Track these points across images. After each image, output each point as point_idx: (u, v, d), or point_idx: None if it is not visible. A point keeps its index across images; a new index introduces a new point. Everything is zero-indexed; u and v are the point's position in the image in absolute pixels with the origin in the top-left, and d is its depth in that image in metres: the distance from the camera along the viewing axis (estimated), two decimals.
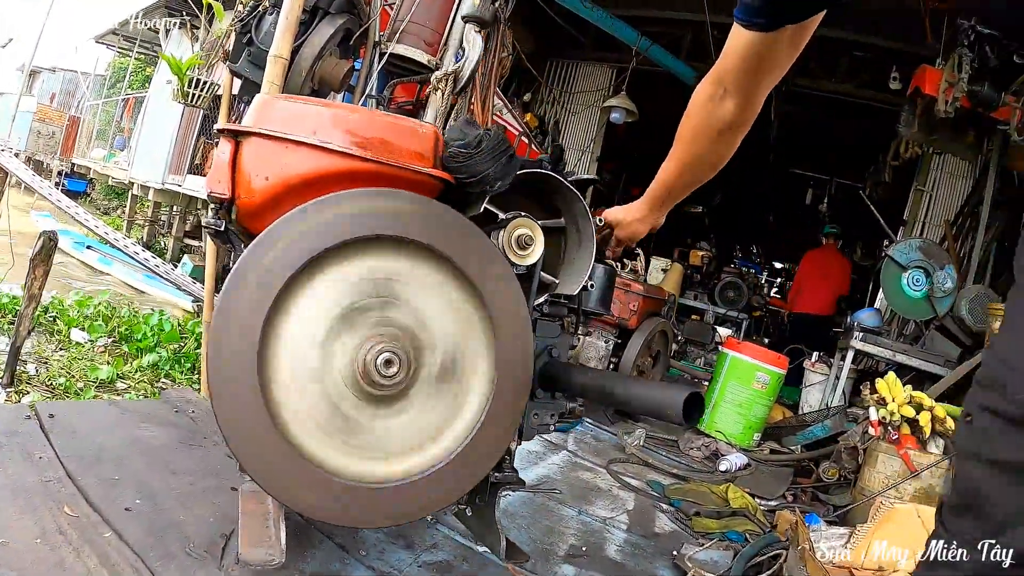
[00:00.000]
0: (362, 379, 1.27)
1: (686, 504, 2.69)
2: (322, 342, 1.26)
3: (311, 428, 1.25)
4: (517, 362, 1.38)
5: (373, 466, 1.31)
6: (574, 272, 1.60)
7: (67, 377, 3.20)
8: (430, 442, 1.36)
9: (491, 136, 1.39)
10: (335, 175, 1.31)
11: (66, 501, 1.41)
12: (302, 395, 1.25)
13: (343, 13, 2.82)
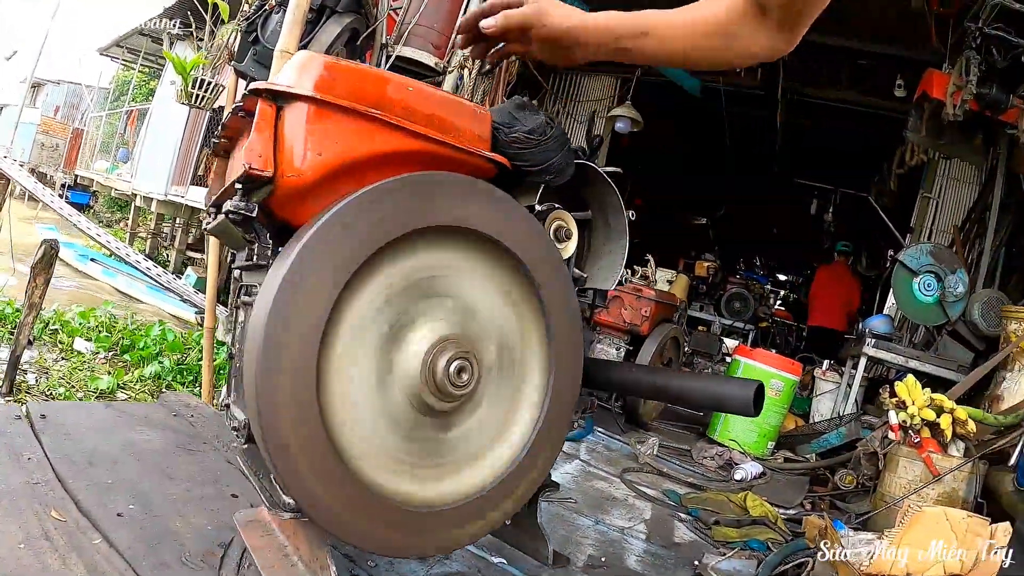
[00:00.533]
0: (432, 392, 1.12)
1: (704, 513, 2.59)
2: (381, 354, 1.10)
3: (379, 456, 1.10)
4: (570, 354, 1.29)
5: (448, 483, 1.18)
6: (606, 267, 1.52)
7: (67, 387, 3.13)
8: (500, 442, 1.25)
9: (555, 124, 1.31)
10: (398, 155, 1.14)
11: (54, 505, 1.32)
12: (362, 417, 1.08)
13: (350, 12, 2.79)
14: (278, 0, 2.61)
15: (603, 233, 1.50)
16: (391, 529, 1.08)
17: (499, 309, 1.23)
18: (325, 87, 1.10)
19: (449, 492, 1.18)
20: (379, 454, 1.10)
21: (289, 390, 0.98)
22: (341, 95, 1.10)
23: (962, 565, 1.83)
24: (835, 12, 1.61)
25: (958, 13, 4.09)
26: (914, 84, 5.00)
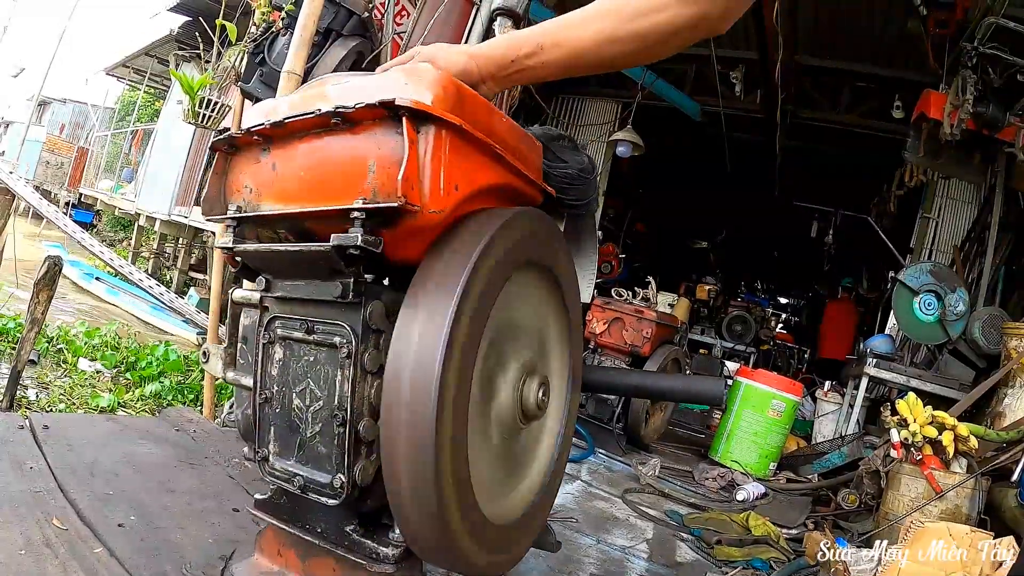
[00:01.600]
0: (519, 418, 1.10)
1: (706, 533, 2.57)
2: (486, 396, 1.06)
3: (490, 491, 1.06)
4: (579, 363, 1.34)
5: (513, 496, 1.17)
6: (584, 282, 1.56)
7: (68, 403, 3.13)
8: (540, 449, 1.28)
9: (592, 160, 1.36)
10: (494, 188, 1.07)
11: (55, 514, 1.33)
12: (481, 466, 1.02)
13: (356, 36, 2.84)
14: (285, 23, 2.66)
15: (575, 248, 1.54)
16: (491, 553, 1.06)
17: (549, 328, 1.25)
18: (462, 112, 0.97)
19: (515, 505, 1.17)
20: (490, 489, 1.08)
21: (449, 465, 0.91)
22: (470, 122, 0.98)
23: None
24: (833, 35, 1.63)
25: (954, 33, 4.17)
26: (912, 105, 5.07)
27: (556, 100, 7.86)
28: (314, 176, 1.02)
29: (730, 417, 4.18)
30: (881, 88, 5.74)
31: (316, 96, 1.04)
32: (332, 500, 1.01)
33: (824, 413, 5.34)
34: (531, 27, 1.02)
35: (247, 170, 1.10)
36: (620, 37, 0.96)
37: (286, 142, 1.05)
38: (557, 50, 0.98)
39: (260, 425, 1.09)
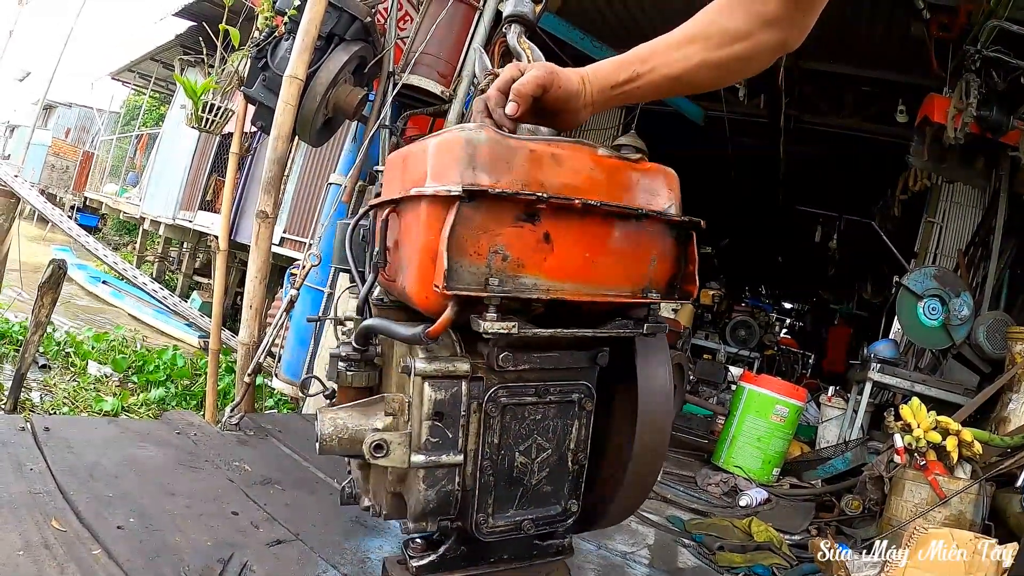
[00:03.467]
0: None
1: (708, 539, 2.56)
2: None
3: None
4: None
5: None
6: None
7: (71, 406, 3.14)
8: None
9: None
10: None
11: (54, 515, 1.33)
12: None
13: (358, 41, 2.86)
14: (288, 28, 2.68)
15: None
16: None
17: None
18: None
19: None
20: None
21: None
22: None
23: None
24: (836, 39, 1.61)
25: (957, 37, 4.17)
26: (915, 109, 5.06)
27: None
28: (599, 258, 1.03)
29: (733, 422, 4.16)
30: (884, 92, 5.73)
31: (585, 167, 1.04)
32: (563, 524, 1.17)
33: (828, 418, 5.31)
34: (626, 54, 1.06)
35: (502, 232, 0.96)
36: (708, 63, 1.02)
37: (567, 216, 1.00)
38: (650, 76, 1.03)
39: (478, 494, 1.09)
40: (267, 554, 1.48)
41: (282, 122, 2.40)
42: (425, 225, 0.95)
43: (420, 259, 0.96)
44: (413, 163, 1.08)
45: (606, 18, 6.34)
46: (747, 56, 1.01)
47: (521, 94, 0.98)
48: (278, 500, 1.76)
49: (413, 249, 0.98)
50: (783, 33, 1.00)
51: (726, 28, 1.00)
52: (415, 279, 0.97)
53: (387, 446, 1.03)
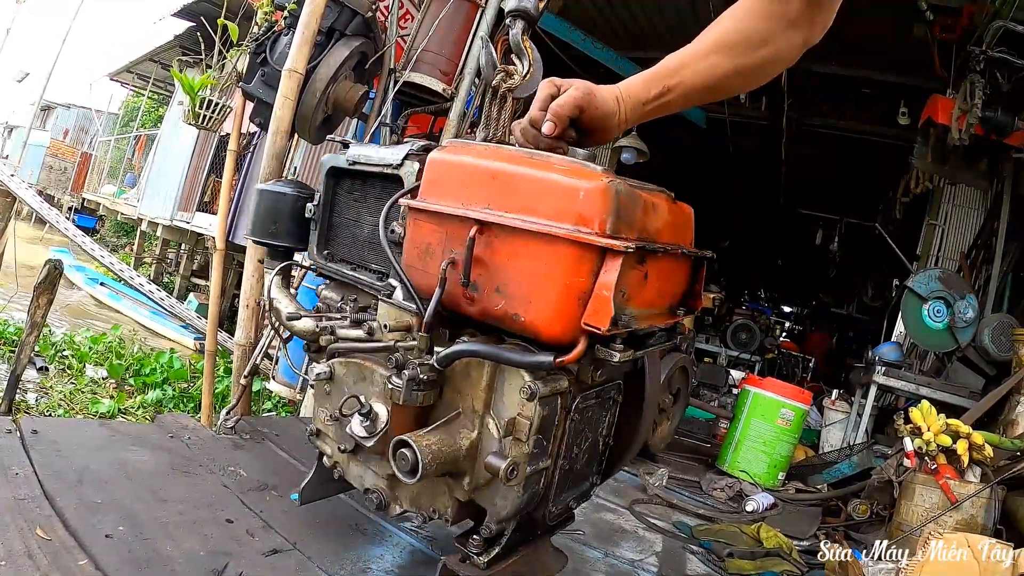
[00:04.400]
0: None
1: (717, 545, 2.50)
2: None
3: None
4: None
5: None
6: None
7: (67, 408, 3.08)
8: None
9: None
10: None
11: (40, 523, 1.27)
12: None
13: (359, 36, 2.80)
14: (288, 23, 2.62)
15: None
16: None
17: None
18: None
19: None
20: None
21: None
22: None
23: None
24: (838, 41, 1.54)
25: (960, 38, 4.13)
26: (917, 111, 5.02)
27: None
28: (664, 287, 1.24)
29: (738, 426, 4.10)
30: (886, 94, 5.70)
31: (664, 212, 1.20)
32: (588, 496, 1.46)
33: (831, 422, 5.26)
34: (655, 68, 1.07)
35: (626, 275, 1.05)
36: (736, 70, 1.04)
37: (656, 257, 1.16)
38: (680, 88, 1.05)
39: (555, 490, 1.26)
40: (263, 564, 1.42)
41: (281, 116, 2.34)
42: (570, 267, 1.02)
43: (559, 296, 1.03)
44: (524, 189, 1.06)
45: (608, 19, 6.31)
46: (773, 59, 1.04)
47: (559, 116, 1.02)
48: (275, 507, 1.70)
49: (546, 284, 1.04)
50: (805, 32, 1.01)
51: (750, 34, 1.02)
52: (547, 312, 1.04)
53: (518, 467, 1.11)
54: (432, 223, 1.16)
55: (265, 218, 1.74)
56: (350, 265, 1.59)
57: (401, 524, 1.80)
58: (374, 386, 1.26)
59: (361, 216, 1.59)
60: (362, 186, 1.59)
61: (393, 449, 1.08)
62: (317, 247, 1.65)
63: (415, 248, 1.19)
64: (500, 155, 1.12)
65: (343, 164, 1.57)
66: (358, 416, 1.22)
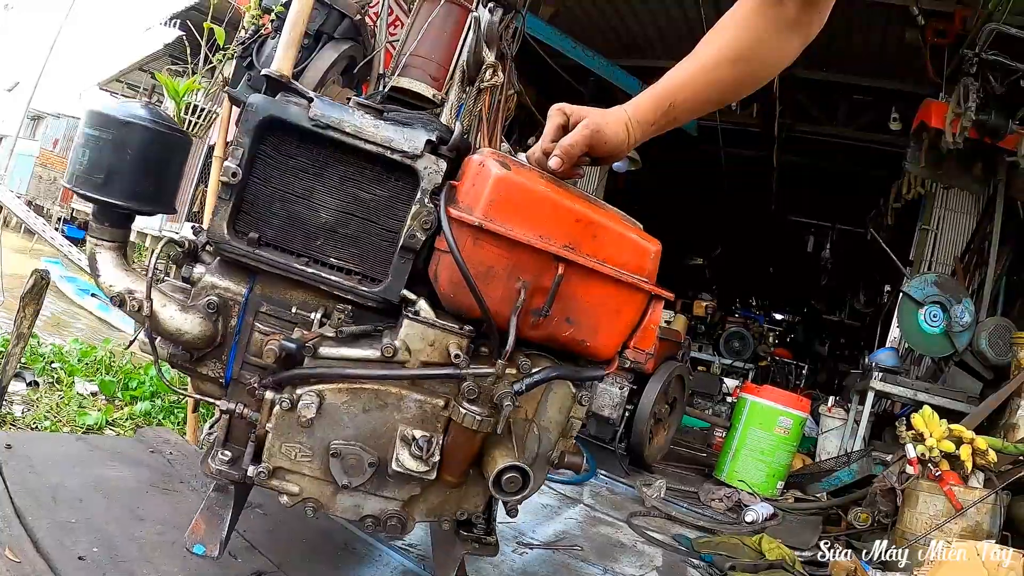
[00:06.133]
0: None
1: (718, 558, 2.43)
2: None
3: None
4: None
5: None
6: None
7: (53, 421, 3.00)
8: None
9: None
10: None
11: (9, 543, 1.19)
12: None
13: (348, 40, 2.75)
14: (275, 26, 2.57)
15: None
16: None
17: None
18: None
19: None
20: None
21: None
22: None
23: None
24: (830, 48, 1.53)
25: (952, 43, 4.14)
26: (909, 117, 5.03)
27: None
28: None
29: (736, 435, 4.05)
30: (878, 100, 5.72)
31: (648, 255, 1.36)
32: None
33: (828, 429, 5.22)
34: (660, 85, 1.09)
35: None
36: (739, 79, 1.06)
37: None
38: (685, 104, 1.08)
39: None
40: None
41: None
42: (635, 307, 1.27)
43: (623, 327, 1.28)
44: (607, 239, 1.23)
45: (599, 27, 6.31)
46: (775, 62, 1.05)
47: (569, 156, 1.06)
48: (259, 526, 1.62)
49: (615, 318, 1.26)
50: (803, 32, 1.03)
51: (752, 42, 1.03)
52: (610, 339, 1.28)
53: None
54: (500, 248, 1.15)
55: (99, 161, 1.24)
56: (295, 256, 1.26)
57: (392, 543, 1.73)
58: (401, 413, 1.20)
59: (316, 195, 1.26)
60: (331, 161, 1.26)
61: (500, 475, 1.15)
62: (227, 223, 1.21)
63: (470, 268, 1.15)
64: (573, 196, 1.21)
65: (297, 121, 1.20)
66: (412, 448, 1.17)
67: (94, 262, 1.34)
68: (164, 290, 1.33)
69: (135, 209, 1.33)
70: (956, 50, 4.13)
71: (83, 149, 1.26)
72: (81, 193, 1.28)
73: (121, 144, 1.26)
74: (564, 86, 7.19)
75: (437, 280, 1.21)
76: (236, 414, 1.24)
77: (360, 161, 1.25)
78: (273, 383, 1.21)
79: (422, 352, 1.21)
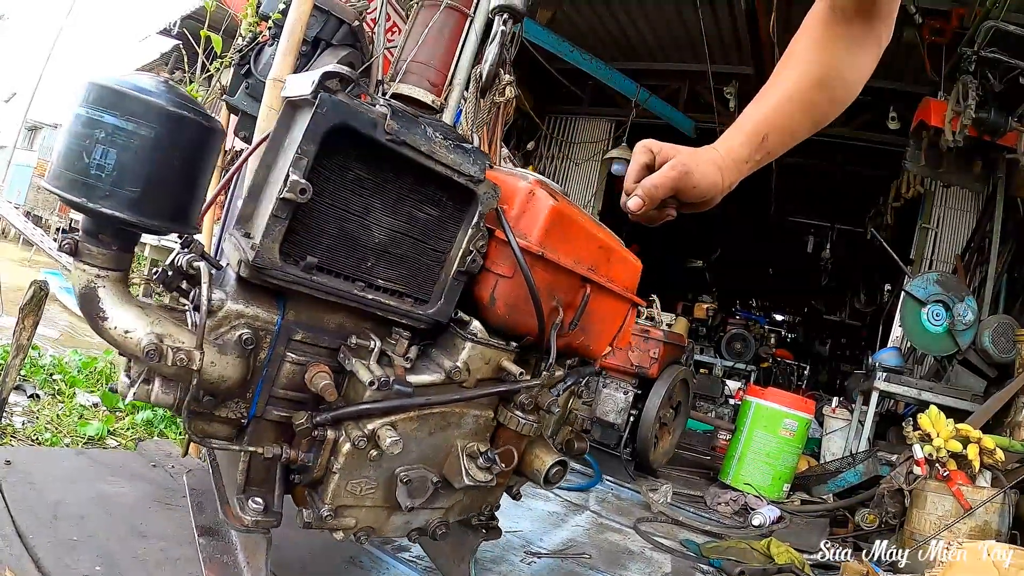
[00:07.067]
0: None
1: (727, 563, 2.41)
2: None
3: None
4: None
5: None
6: None
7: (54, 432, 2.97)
8: None
9: None
10: None
11: (9, 563, 1.17)
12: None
13: (345, 46, 2.74)
14: (272, 33, 2.56)
15: None
16: None
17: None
18: None
19: None
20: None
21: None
22: None
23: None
24: None
25: (950, 41, 4.14)
26: (908, 116, 5.03)
27: (550, 119, 7.83)
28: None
29: (740, 438, 4.02)
30: (876, 100, 5.71)
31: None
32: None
33: (832, 430, 5.20)
34: (745, 120, 1.00)
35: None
36: (826, 102, 0.98)
37: None
38: (779, 134, 1.00)
39: None
40: None
41: (265, 128, 2.26)
42: (624, 316, 1.58)
43: (613, 332, 1.55)
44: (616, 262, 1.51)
45: (596, 31, 6.31)
46: (855, 80, 0.98)
47: (652, 198, 0.93)
48: None
49: (612, 325, 1.54)
50: (875, 47, 0.97)
51: (829, 65, 0.96)
52: (605, 342, 1.55)
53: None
54: (547, 272, 1.29)
55: (133, 167, 0.94)
56: (344, 279, 1.15)
57: (399, 555, 1.70)
58: (460, 429, 1.25)
59: (372, 213, 1.14)
60: (392, 177, 1.14)
61: (550, 470, 1.36)
62: (280, 246, 1.04)
63: (520, 290, 1.25)
64: (594, 223, 1.43)
65: (370, 133, 1.05)
66: (480, 461, 1.25)
67: (93, 300, 1.03)
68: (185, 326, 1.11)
69: (166, 229, 1.07)
70: (954, 48, 4.13)
71: (101, 147, 0.91)
72: (98, 210, 0.93)
73: (169, 145, 0.96)
74: (562, 91, 7.20)
75: (494, 303, 1.27)
76: (261, 456, 1.15)
77: (420, 180, 1.18)
78: (332, 420, 1.13)
79: (480, 371, 1.25)
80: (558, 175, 7.77)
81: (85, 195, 0.95)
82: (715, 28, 5.57)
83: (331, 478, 1.12)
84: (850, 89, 0.98)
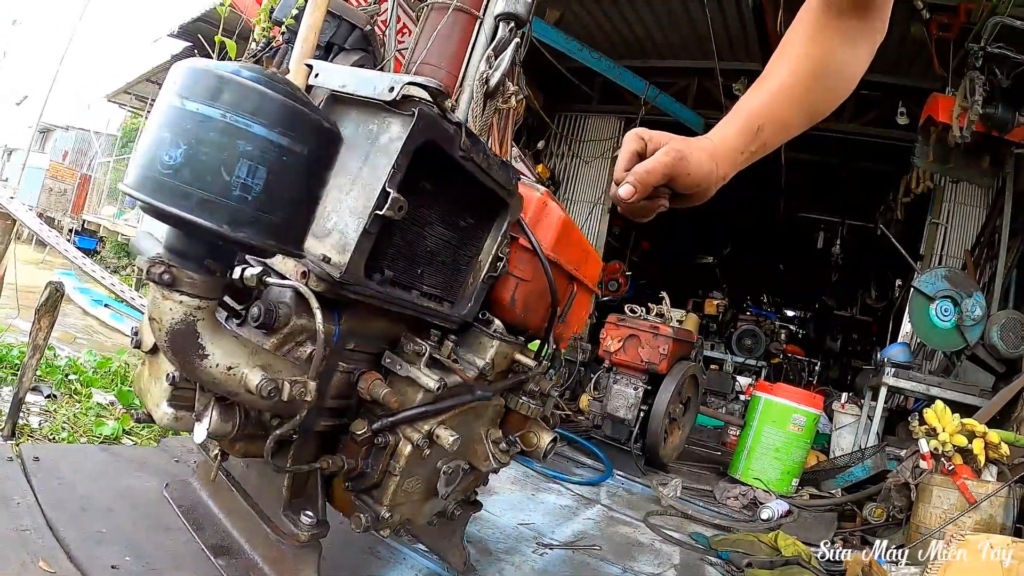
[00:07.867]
0: None
1: (735, 556, 2.45)
2: None
3: None
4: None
5: None
6: None
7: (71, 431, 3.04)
8: None
9: None
10: None
11: (42, 555, 1.22)
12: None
13: (358, 50, 2.80)
14: (285, 38, 2.61)
15: None
16: None
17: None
18: None
19: None
20: None
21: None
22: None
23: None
24: None
25: (958, 36, 4.13)
26: (916, 111, 5.01)
27: (559, 117, 7.85)
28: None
29: (750, 433, 4.05)
30: (884, 95, 5.69)
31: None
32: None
33: (842, 425, 5.20)
34: (738, 111, 0.97)
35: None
36: (820, 92, 0.98)
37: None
38: (774, 125, 0.97)
39: None
40: None
41: None
42: (590, 306, 1.81)
43: (582, 319, 1.78)
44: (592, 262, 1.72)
45: (604, 29, 6.32)
46: (850, 74, 0.98)
47: (643, 184, 0.88)
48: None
49: (582, 314, 1.74)
50: (870, 41, 0.98)
51: (824, 57, 0.96)
52: (573, 329, 1.73)
53: None
54: (556, 274, 1.48)
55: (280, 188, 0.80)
56: (403, 288, 1.17)
57: (415, 547, 1.75)
58: (481, 419, 1.37)
59: (430, 225, 1.18)
60: (448, 188, 1.14)
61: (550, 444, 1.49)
62: (367, 263, 1.02)
63: (535, 291, 1.45)
64: (575, 225, 1.58)
65: (448, 148, 1.03)
66: (501, 446, 1.38)
67: (191, 336, 0.84)
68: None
69: (282, 252, 0.91)
70: (961, 44, 4.12)
71: (247, 164, 0.73)
72: (236, 238, 0.76)
73: (319, 166, 0.82)
74: (571, 89, 7.22)
75: (514, 303, 1.42)
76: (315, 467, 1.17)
77: (470, 191, 1.21)
78: (390, 425, 1.15)
79: (500, 365, 1.39)
80: (567, 173, 7.79)
81: (228, 221, 0.76)
82: (722, 24, 5.57)
83: (390, 481, 1.17)
84: (845, 83, 0.98)
